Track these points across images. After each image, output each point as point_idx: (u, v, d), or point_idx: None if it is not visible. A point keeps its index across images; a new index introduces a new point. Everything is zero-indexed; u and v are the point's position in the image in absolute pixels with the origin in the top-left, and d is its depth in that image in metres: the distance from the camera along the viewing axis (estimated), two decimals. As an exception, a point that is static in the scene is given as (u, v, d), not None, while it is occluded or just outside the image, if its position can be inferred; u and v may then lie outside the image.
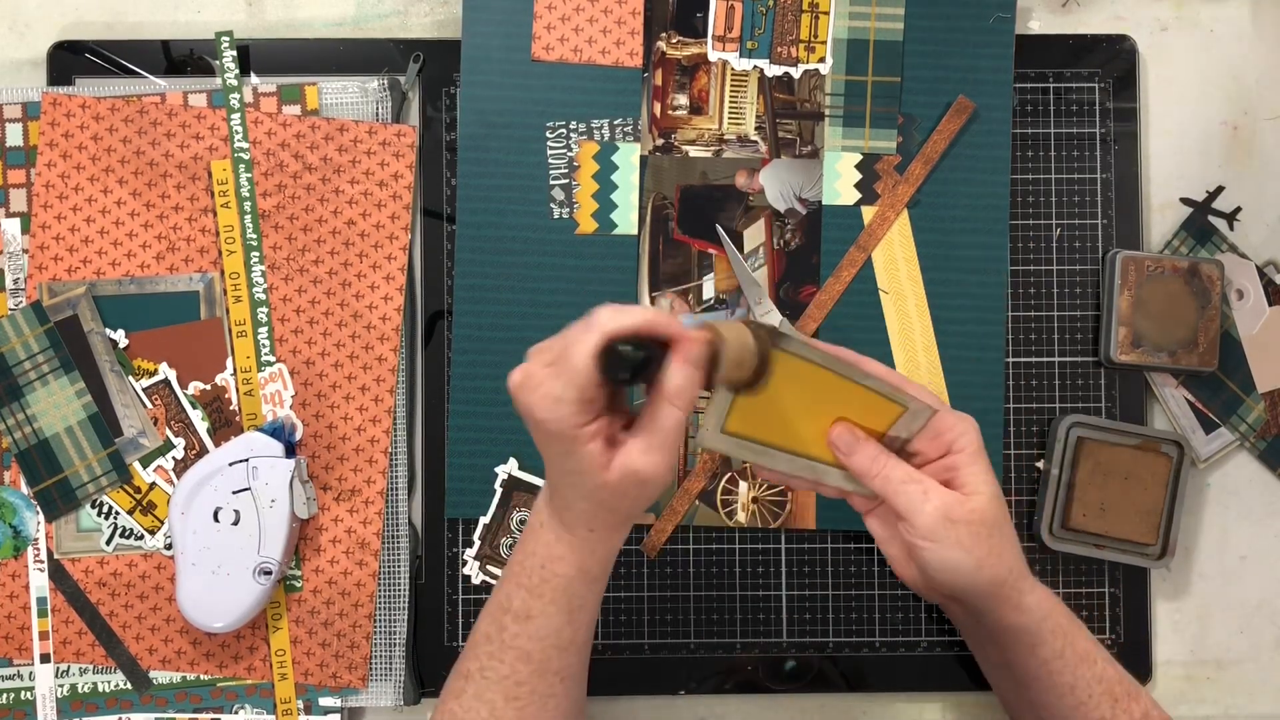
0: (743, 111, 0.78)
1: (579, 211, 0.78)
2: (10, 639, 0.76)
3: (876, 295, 0.78)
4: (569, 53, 0.78)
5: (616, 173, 0.78)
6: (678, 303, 0.78)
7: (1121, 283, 0.77)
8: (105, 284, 0.77)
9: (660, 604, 0.78)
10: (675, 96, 0.79)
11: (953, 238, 0.78)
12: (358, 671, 0.76)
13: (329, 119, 0.77)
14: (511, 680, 0.63)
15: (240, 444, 0.74)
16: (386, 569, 0.77)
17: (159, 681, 0.76)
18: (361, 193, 0.77)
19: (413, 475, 0.78)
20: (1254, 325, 0.79)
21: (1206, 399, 0.79)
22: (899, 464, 0.64)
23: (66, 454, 0.76)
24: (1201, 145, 0.81)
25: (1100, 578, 0.78)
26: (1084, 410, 0.78)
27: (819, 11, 0.78)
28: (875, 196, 0.78)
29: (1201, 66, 0.81)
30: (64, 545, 0.76)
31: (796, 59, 0.78)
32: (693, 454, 0.78)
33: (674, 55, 0.78)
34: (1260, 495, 0.80)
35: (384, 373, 0.77)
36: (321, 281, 0.77)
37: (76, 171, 0.76)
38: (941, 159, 0.78)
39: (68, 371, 0.76)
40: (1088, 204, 0.79)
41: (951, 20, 0.78)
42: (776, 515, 0.78)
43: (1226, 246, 0.80)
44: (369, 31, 0.80)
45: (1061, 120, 0.80)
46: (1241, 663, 0.80)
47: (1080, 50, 0.80)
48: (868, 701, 0.79)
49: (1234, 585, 0.80)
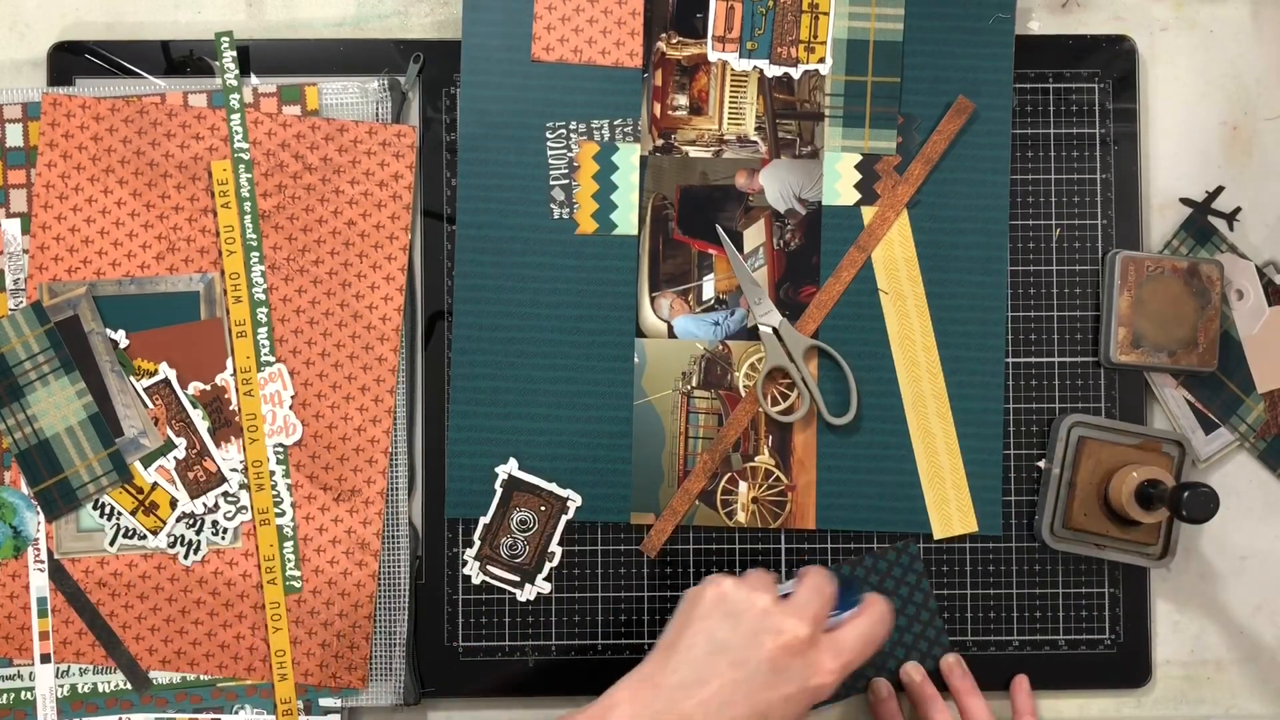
0: (742, 112, 0.78)
1: (579, 212, 0.78)
2: (10, 639, 0.76)
3: (876, 295, 0.78)
4: (569, 53, 0.78)
5: (616, 173, 0.78)
6: (677, 302, 0.78)
7: (1121, 283, 0.77)
8: (105, 284, 0.77)
9: (660, 604, 0.78)
10: (675, 97, 0.79)
11: (953, 238, 0.78)
12: (357, 672, 0.76)
13: (329, 119, 0.77)
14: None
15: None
16: (386, 569, 0.77)
17: (159, 681, 0.76)
18: (361, 193, 0.77)
19: (413, 475, 0.78)
20: (1254, 325, 0.79)
21: (1206, 399, 0.79)
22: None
23: (67, 454, 0.76)
24: (1201, 145, 0.81)
25: (1100, 578, 0.79)
26: (1084, 410, 0.78)
27: (819, 12, 0.78)
28: (875, 197, 0.78)
29: (1201, 66, 0.81)
30: (64, 545, 0.76)
31: (796, 59, 0.78)
32: (692, 455, 0.78)
33: (674, 55, 0.78)
34: (1260, 495, 0.80)
35: (384, 373, 0.77)
36: (321, 281, 0.77)
37: (77, 172, 0.76)
38: (941, 159, 0.78)
39: (68, 371, 0.76)
40: (1088, 204, 0.79)
41: (951, 20, 0.78)
42: (776, 515, 0.78)
43: (1226, 246, 0.80)
44: (369, 32, 0.80)
45: (1061, 120, 0.80)
46: (1241, 663, 0.80)
47: (1080, 50, 0.80)
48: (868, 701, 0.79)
49: (1234, 585, 0.80)
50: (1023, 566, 0.78)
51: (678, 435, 0.78)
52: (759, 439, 0.78)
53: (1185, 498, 0.69)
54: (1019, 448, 0.79)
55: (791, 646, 0.63)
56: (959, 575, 0.78)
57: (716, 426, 0.78)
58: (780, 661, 0.63)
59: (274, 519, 0.76)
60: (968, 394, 0.78)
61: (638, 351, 0.78)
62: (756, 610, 0.64)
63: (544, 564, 0.78)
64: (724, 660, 0.63)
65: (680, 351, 0.78)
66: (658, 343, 0.78)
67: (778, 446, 0.78)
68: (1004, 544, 0.78)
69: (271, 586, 0.76)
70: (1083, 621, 0.78)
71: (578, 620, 0.78)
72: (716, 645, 0.63)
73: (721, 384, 0.78)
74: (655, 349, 0.78)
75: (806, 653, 0.63)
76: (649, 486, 0.77)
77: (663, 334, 0.78)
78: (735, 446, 0.78)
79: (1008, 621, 0.78)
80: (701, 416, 0.78)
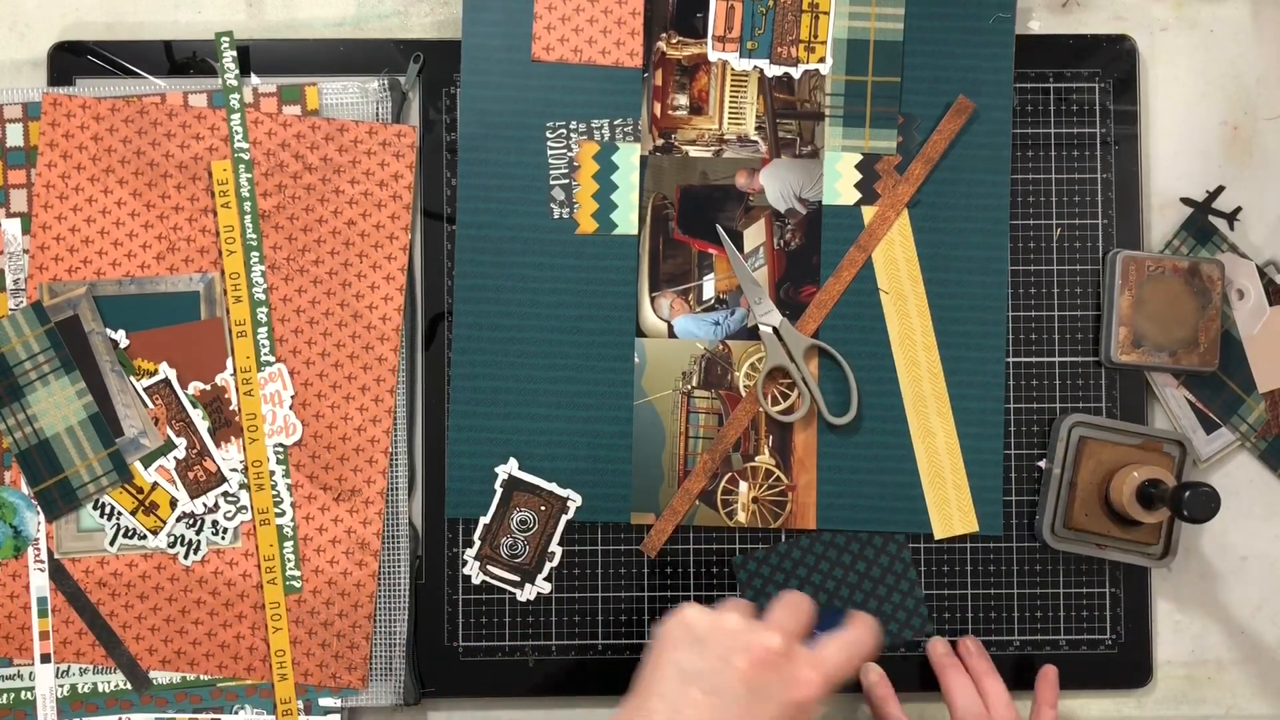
0: (743, 111, 0.78)
1: (579, 211, 0.78)
2: (10, 639, 0.76)
3: (877, 295, 0.78)
4: (569, 53, 0.78)
5: (616, 173, 0.78)
6: (677, 302, 0.78)
7: (1122, 283, 0.77)
8: (105, 284, 0.77)
9: (660, 604, 0.78)
10: (675, 96, 0.79)
11: (953, 238, 0.78)
12: (357, 672, 0.76)
13: (329, 119, 0.77)
14: None
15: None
16: (386, 569, 0.77)
17: (159, 681, 0.76)
18: (361, 193, 0.77)
19: (413, 475, 0.78)
20: (1254, 325, 0.79)
21: (1207, 399, 0.79)
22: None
23: (67, 454, 0.76)
24: (1201, 145, 0.81)
25: (1101, 578, 0.78)
26: (1084, 410, 0.78)
27: (819, 11, 0.78)
28: (875, 196, 0.78)
29: (1201, 66, 0.81)
30: (64, 545, 0.76)
31: (796, 59, 0.78)
32: (692, 455, 0.78)
33: (674, 55, 0.78)
34: (1260, 495, 0.80)
35: (384, 373, 0.77)
36: (321, 281, 0.77)
37: (77, 172, 0.77)
38: (942, 159, 0.78)
39: (68, 371, 0.76)
40: (1088, 204, 0.79)
41: (951, 20, 0.78)
42: (777, 515, 0.78)
43: (1227, 246, 0.80)
44: (369, 31, 0.80)
45: (1062, 120, 0.80)
46: (1242, 663, 0.80)
47: (1080, 50, 0.80)
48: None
49: (1234, 585, 0.80)
50: (1023, 566, 0.78)
51: (678, 435, 0.78)
52: (759, 439, 0.78)
53: (1186, 498, 0.68)
54: (1019, 448, 0.79)
55: (765, 660, 0.59)
56: (959, 575, 0.78)
57: (717, 426, 0.78)
58: (755, 679, 0.59)
59: (274, 519, 0.76)
60: (968, 394, 0.78)
61: (638, 351, 0.78)
62: (724, 631, 0.60)
63: (544, 564, 0.78)
64: (696, 690, 0.58)
65: (680, 351, 0.78)
66: (658, 342, 0.78)
67: (778, 446, 0.78)
68: (1004, 544, 0.78)
69: (271, 586, 0.76)
70: (1083, 621, 0.78)
71: (578, 620, 0.78)
72: (687, 675, 0.59)
73: (722, 384, 0.78)
74: (655, 349, 0.78)
75: (782, 666, 0.59)
76: (649, 487, 0.77)
77: (663, 334, 0.78)
78: (735, 446, 0.78)
79: (1009, 621, 0.78)
80: (702, 416, 0.78)
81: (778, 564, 0.77)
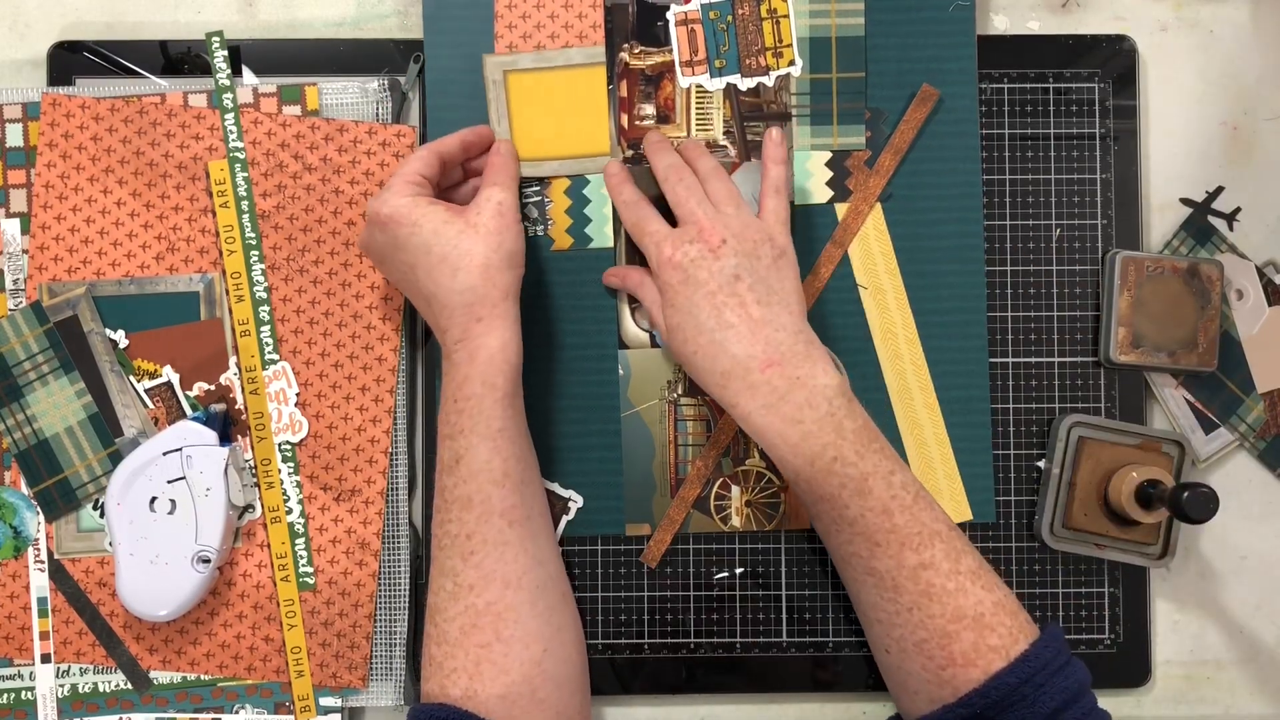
0: (710, 117, 0.78)
1: (554, 228, 0.78)
2: (10, 639, 0.76)
3: (856, 291, 0.78)
4: (568, 53, 0.78)
5: (588, 186, 0.78)
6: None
7: (1121, 283, 0.77)
8: (105, 284, 0.77)
9: (660, 604, 0.78)
10: (641, 106, 0.78)
11: (927, 229, 0.78)
12: (358, 671, 0.76)
13: (329, 119, 0.77)
14: (462, 535, 0.67)
15: (173, 433, 0.74)
16: (386, 569, 0.77)
17: (159, 681, 0.76)
18: (361, 193, 0.77)
19: (413, 475, 0.78)
20: (1254, 325, 0.79)
21: (1206, 399, 0.79)
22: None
23: (67, 454, 0.76)
24: (1201, 145, 0.81)
25: (1100, 577, 0.79)
26: (1084, 410, 0.78)
27: (778, 16, 0.78)
28: (848, 193, 0.78)
29: (1201, 66, 0.81)
30: (64, 545, 0.76)
31: (767, 67, 0.78)
32: (683, 463, 0.78)
33: (638, 66, 0.78)
34: (1260, 495, 0.80)
35: (384, 373, 0.77)
36: (321, 281, 0.77)
37: (76, 172, 0.76)
38: (911, 151, 0.78)
39: (68, 372, 0.76)
40: (1088, 204, 0.79)
41: (912, 12, 0.78)
42: (771, 517, 0.78)
43: (1226, 247, 0.80)
44: (369, 31, 0.80)
45: (1061, 120, 0.80)
46: (1241, 662, 0.80)
47: (1080, 50, 0.80)
48: (868, 701, 0.79)
49: (1234, 585, 0.80)
50: (1022, 566, 0.78)
51: (667, 444, 0.78)
52: (748, 442, 0.78)
53: (1185, 498, 0.69)
54: (1019, 448, 0.79)
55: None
56: (959, 575, 0.78)
57: (705, 433, 0.78)
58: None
59: (284, 516, 0.76)
60: (953, 383, 0.78)
61: (622, 363, 0.78)
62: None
63: (544, 564, 0.77)
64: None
65: (664, 360, 0.78)
66: (641, 353, 0.78)
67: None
68: (1004, 544, 0.78)
69: (285, 584, 0.76)
70: (1082, 621, 0.78)
71: (577, 620, 0.78)
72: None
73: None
74: (639, 359, 0.78)
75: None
76: (641, 497, 0.77)
77: (645, 344, 0.78)
78: (725, 451, 0.78)
79: (1007, 621, 0.78)
80: (690, 424, 0.78)
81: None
